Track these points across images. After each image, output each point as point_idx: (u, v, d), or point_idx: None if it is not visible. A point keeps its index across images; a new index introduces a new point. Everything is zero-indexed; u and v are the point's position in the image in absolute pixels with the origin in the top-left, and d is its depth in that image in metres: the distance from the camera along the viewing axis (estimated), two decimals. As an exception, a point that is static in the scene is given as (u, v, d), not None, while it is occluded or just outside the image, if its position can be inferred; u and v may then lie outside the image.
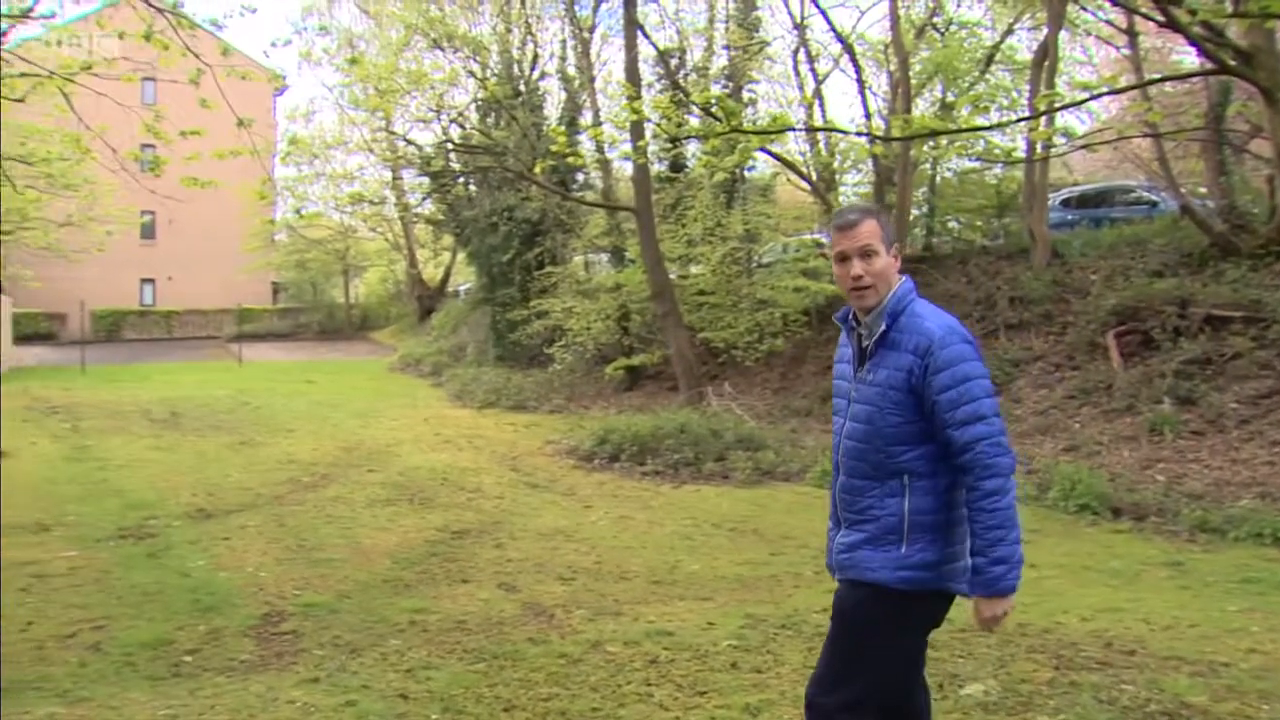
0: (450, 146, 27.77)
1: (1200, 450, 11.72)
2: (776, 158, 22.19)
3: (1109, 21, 19.08)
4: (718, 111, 7.36)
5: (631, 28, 18.94)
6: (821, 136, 22.35)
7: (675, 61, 24.64)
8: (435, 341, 34.28)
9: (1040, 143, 13.97)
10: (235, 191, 17.12)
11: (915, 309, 3.23)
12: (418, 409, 21.34)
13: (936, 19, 22.98)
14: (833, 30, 22.07)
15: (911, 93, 20.14)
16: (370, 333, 45.68)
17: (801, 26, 23.10)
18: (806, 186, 23.19)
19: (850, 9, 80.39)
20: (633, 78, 18.48)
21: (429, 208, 34.28)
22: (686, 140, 20.31)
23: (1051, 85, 16.55)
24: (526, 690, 5.34)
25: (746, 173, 23.17)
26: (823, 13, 21.30)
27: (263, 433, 16.91)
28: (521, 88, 27.07)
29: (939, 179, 23.21)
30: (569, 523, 10.62)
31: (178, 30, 9.43)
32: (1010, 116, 19.02)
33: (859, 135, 17.86)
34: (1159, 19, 6.80)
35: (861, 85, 22.15)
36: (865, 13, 67.73)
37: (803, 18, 23.11)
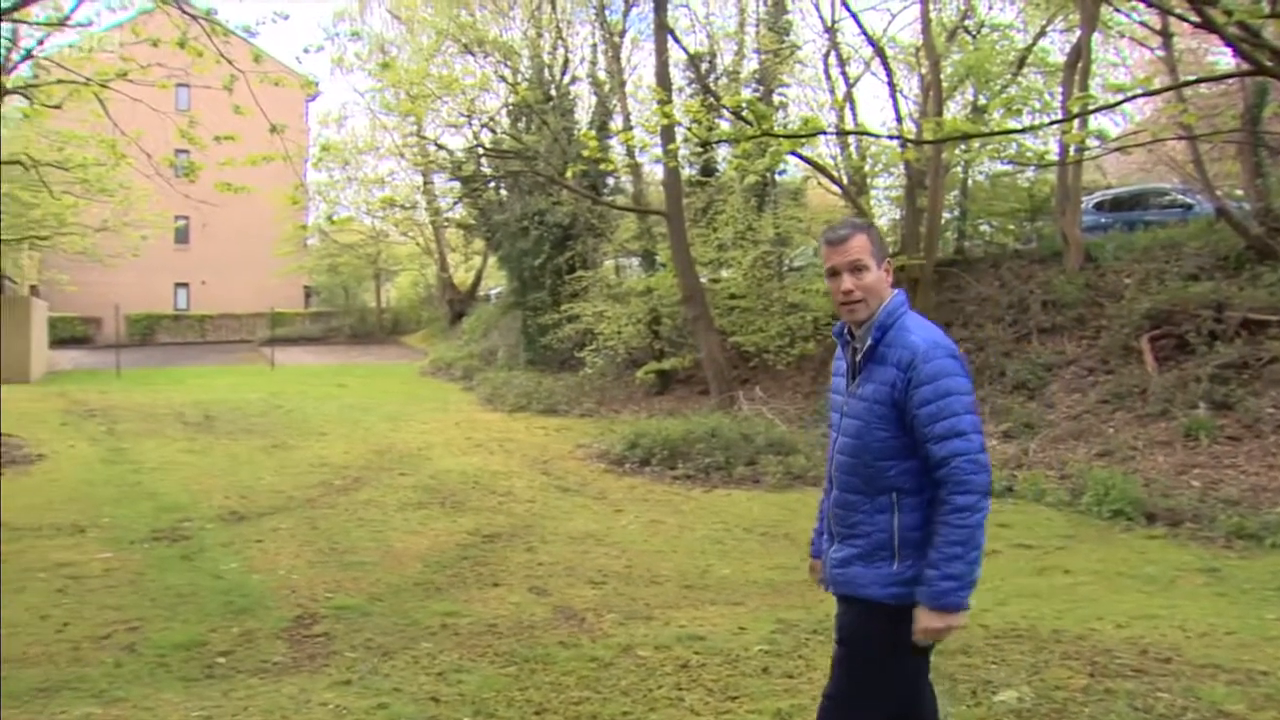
0: (481, 151, 27.83)
1: (1236, 455, 11.60)
2: (808, 161, 22.07)
3: (1143, 23, 18.87)
4: (748, 115, 7.34)
5: (662, 32, 18.96)
6: (853, 140, 22.21)
7: (706, 65, 24.65)
8: (466, 345, 34.36)
9: (1073, 145, 13.84)
10: (268, 196, 17.30)
11: (904, 323, 3.24)
12: (449, 413, 21.41)
13: (968, 21, 22.83)
14: (864, 33, 21.98)
15: (943, 96, 20.02)
16: (401, 337, 45.88)
17: (832, 30, 23.00)
18: (838, 190, 23.05)
19: (881, 12, 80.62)
20: (663, 82, 18.49)
21: (460, 212, 34.35)
22: (717, 144, 20.30)
23: (1085, 87, 16.41)
24: (557, 694, 5.35)
25: (778, 177, 23.14)
26: (854, 16, 21.27)
27: (295, 436, 17.01)
28: (552, 92, 27.11)
29: (971, 182, 23.05)
30: (600, 526, 10.63)
31: (211, 37, 9.52)
32: (1043, 119, 18.91)
33: (890, 139, 17.73)
34: (1194, 20, 6.71)
35: (893, 89, 22.02)
36: (896, 16, 67.51)
37: (834, 21, 23.03)
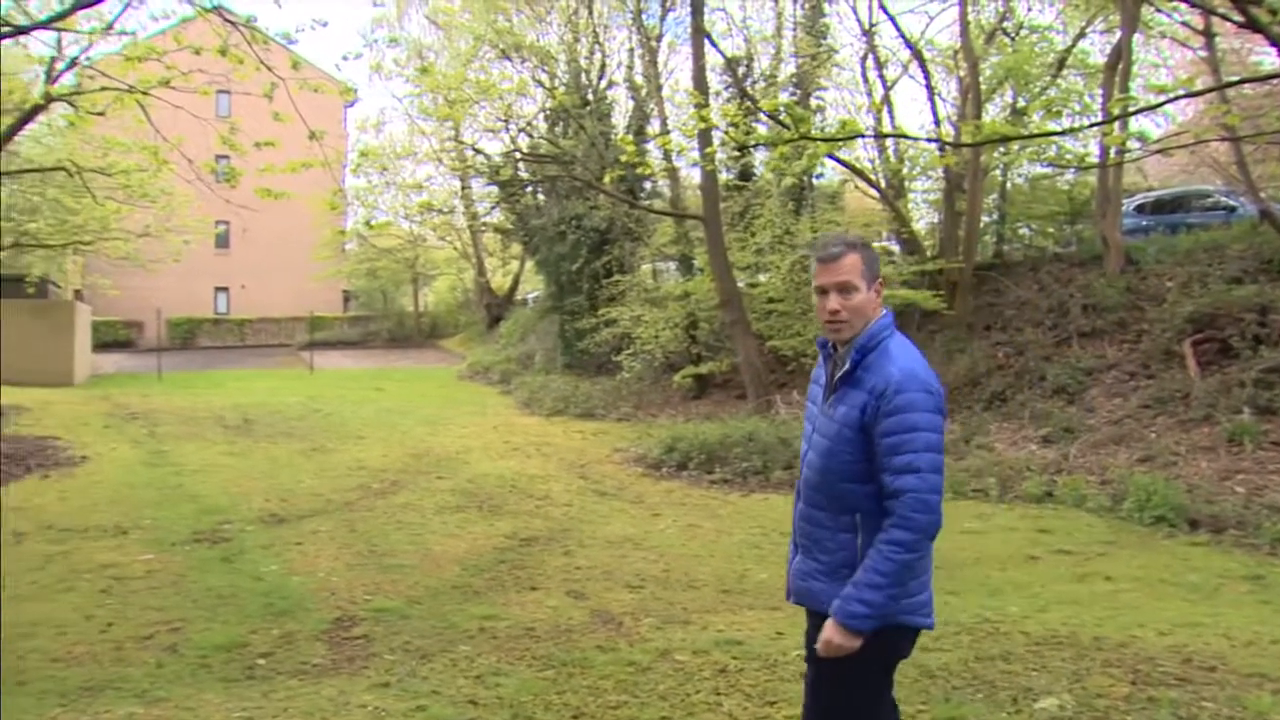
0: (519, 155, 27.95)
1: (1282, 461, 11.45)
2: (845, 165, 22.05)
3: (1185, 23, 18.70)
4: (786, 119, 7.31)
5: (699, 36, 18.95)
6: (891, 143, 22.13)
7: (743, 69, 24.64)
8: (503, 349, 34.44)
9: (1114, 147, 13.75)
10: (307, 202, 17.42)
11: (886, 347, 3.21)
12: (486, 416, 21.47)
13: (1007, 23, 22.69)
14: (901, 36, 21.95)
15: (982, 98, 19.92)
16: (439, 340, 46.04)
17: (870, 33, 22.91)
18: (875, 194, 22.99)
19: (919, 15, 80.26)
20: (700, 86, 18.48)
21: (497, 216, 34.45)
22: (755, 148, 20.25)
23: (1126, 89, 16.26)
24: (595, 698, 5.35)
25: (815, 180, 23.06)
26: (891, 19, 21.27)
27: (333, 439, 17.12)
28: (589, 96, 27.15)
29: (1010, 185, 22.90)
30: (637, 530, 10.63)
31: (251, 44, 9.60)
32: (1083, 121, 18.76)
33: (929, 142, 17.64)
34: (1237, 19, 6.63)
35: (931, 91, 21.96)
36: (934, 18, 67.35)
37: (871, 24, 22.94)
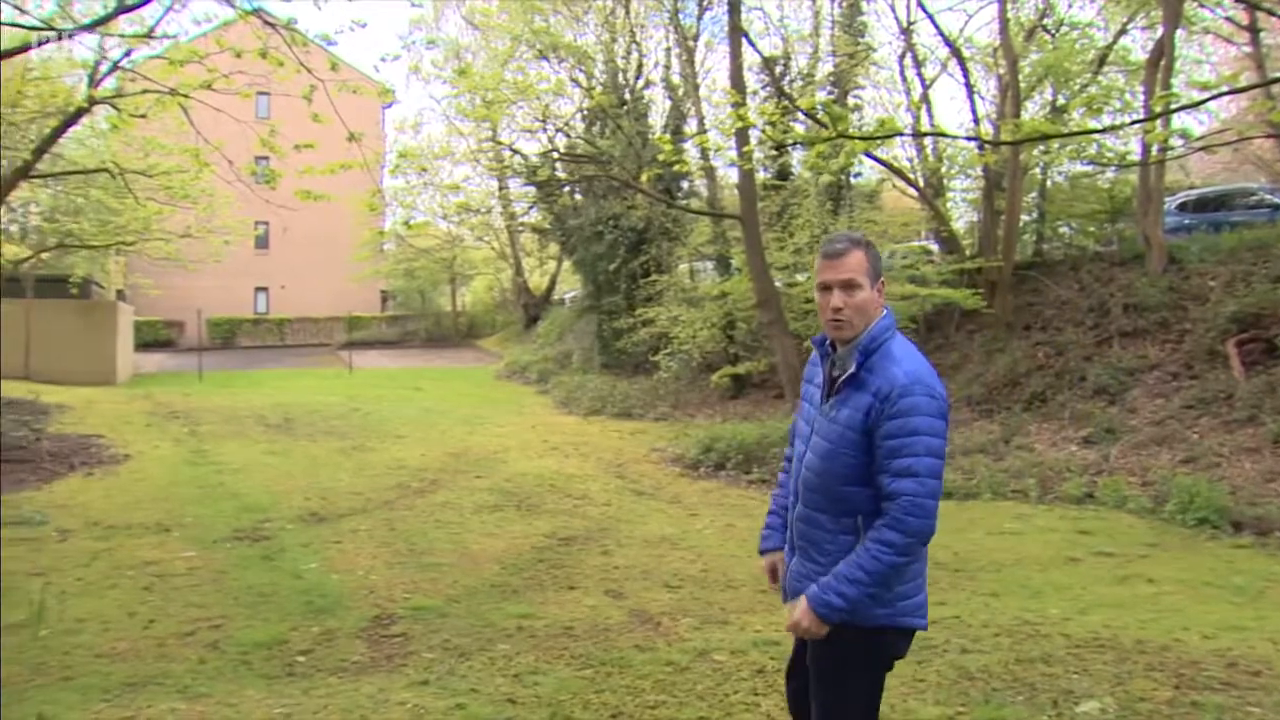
0: (556, 155, 27.98)
1: (1328, 463, 11.30)
2: (883, 164, 21.96)
3: (1229, 19, 18.53)
4: (824, 117, 7.29)
5: (736, 35, 18.89)
6: (929, 142, 21.99)
7: (780, 68, 24.58)
8: (541, 349, 34.56)
9: (1156, 145, 13.58)
10: (346, 202, 17.50)
11: (890, 349, 3.19)
12: (524, 416, 21.54)
13: (1047, 20, 22.50)
14: (940, 34, 21.78)
15: (1021, 96, 19.75)
16: (477, 340, 46.25)
17: (908, 31, 22.81)
18: (914, 193, 22.86)
19: (957, 12, 79.39)
20: (737, 85, 18.41)
21: (535, 216, 34.54)
22: (792, 147, 20.18)
23: (1168, 85, 16.09)
24: (633, 697, 5.36)
25: (853, 180, 22.96)
26: (930, 16, 21.12)
27: (372, 438, 17.21)
28: (626, 96, 27.20)
29: (1050, 184, 22.70)
30: (675, 530, 10.63)
31: (291, 47, 9.68)
32: (1124, 119, 18.55)
33: (968, 140, 17.55)
34: (1284, 16, 6.56)
35: (970, 89, 21.80)
36: (973, 16, 66.34)
37: (909, 22, 22.85)
